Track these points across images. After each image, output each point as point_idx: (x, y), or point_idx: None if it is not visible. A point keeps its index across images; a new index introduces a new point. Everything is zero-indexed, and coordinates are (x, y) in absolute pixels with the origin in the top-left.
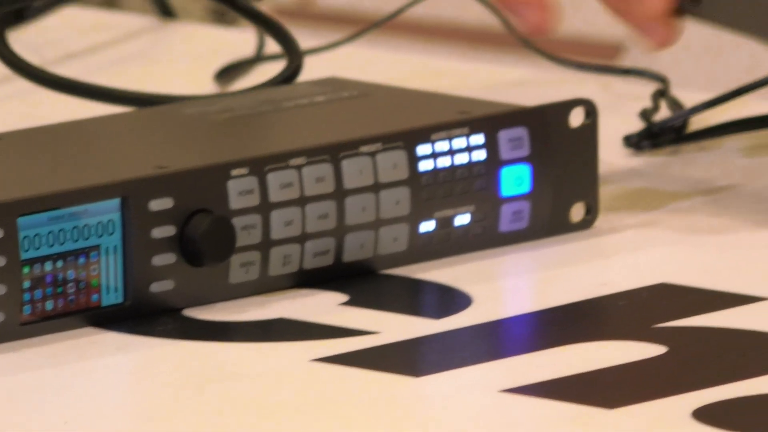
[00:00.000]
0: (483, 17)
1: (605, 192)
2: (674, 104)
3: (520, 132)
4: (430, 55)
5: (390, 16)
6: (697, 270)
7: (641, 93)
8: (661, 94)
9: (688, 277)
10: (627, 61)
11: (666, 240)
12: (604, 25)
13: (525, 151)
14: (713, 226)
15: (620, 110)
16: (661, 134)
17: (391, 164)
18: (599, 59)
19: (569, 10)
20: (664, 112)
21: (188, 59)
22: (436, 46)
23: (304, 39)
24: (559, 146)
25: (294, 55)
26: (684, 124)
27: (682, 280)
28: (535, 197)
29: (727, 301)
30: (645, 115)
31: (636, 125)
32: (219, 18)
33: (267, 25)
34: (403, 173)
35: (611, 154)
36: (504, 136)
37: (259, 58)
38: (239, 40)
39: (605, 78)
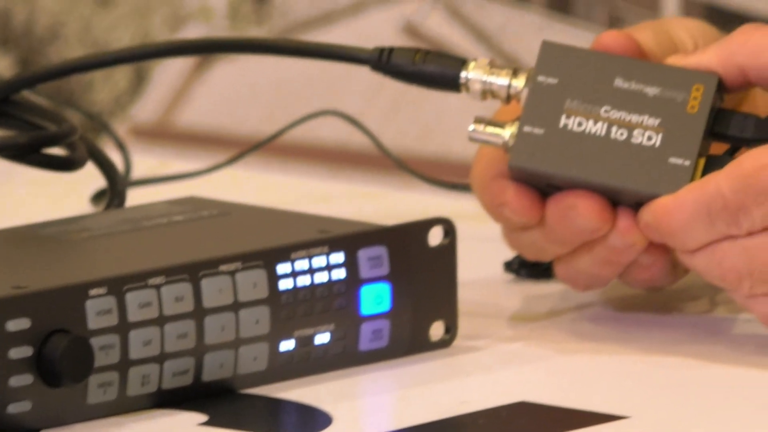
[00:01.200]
0: (354, 138)
1: (468, 311)
2: None
3: (380, 251)
4: (298, 176)
5: (268, 139)
6: (556, 388)
7: None
8: None
9: (547, 395)
10: None
11: (525, 358)
12: (463, 146)
13: (384, 270)
14: (572, 345)
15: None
16: (540, 262)
17: (251, 283)
18: (463, 178)
19: (432, 130)
20: None
21: (64, 181)
22: (306, 167)
23: (165, 159)
24: (419, 265)
25: (115, 186)
26: None
27: (541, 399)
28: (394, 316)
29: (585, 420)
30: None
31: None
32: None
33: (92, 155)
34: (262, 292)
35: (491, 277)
36: (363, 255)
37: (129, 182)
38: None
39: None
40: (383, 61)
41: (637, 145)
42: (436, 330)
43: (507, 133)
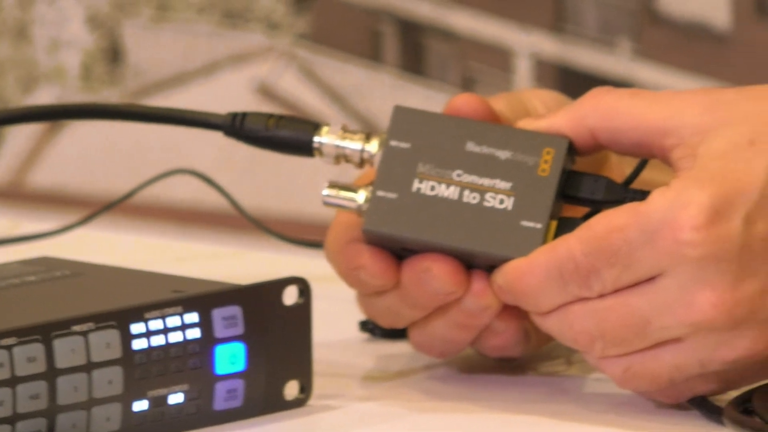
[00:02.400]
0: (209, 197)
1: (324, 371)
2: None
3: (234, 310)
4: (152, 236)
5: (120, 198)
6: None
7: None
8: None
9: None
10: None
11: (379, 417)
12: (320, 205)
13: (239, 330)
14: (426, 404)
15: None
16: None
17: (104, 343)
18: (319, 237)
19: (284, 190)
20: None
21: None
22: (161, 227)
23: (17, 220)
24: (273, 324)
25: None
26: None
27: None
28: (249, 375)
29: None
30: None
31: None
32: None
33: None
34: (116, 352)
35: (347, 337)
36: (218, 314)
37: None
38: None
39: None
40: (236, 127)
41: (489, 209)
42: (291, 389)
43: (361, 197)
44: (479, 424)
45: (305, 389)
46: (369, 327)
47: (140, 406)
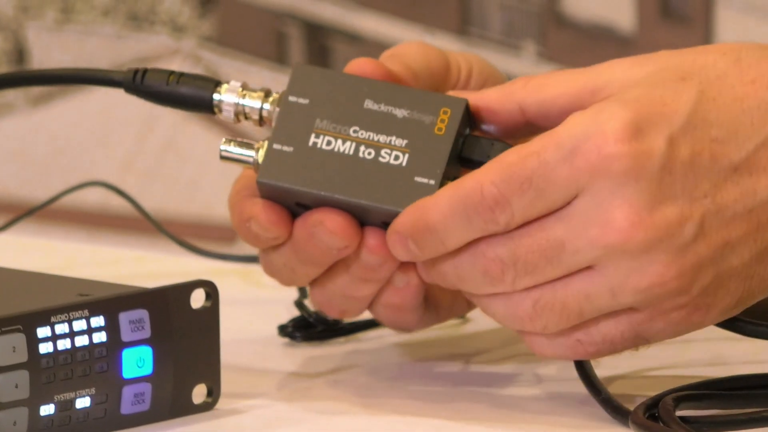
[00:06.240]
0: (114, 201)
1: (236, 373)
2: None
3: (141, 314)
4: (57, 240)
5: (36, 208)
6: None
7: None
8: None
9: None
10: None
11: (288, 420)
12: (221, 209)
13: (146, 333)
14: (335, 407)
15: (274, 297)
16: (315, 325)
17: (10, 347)
18: (218, 242)
19: (189, 193)
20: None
21: None
22: (66, 231)
23: None
24: (181, 328)
25: None
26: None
27: None
28: (156, 379)
29: None
30: (300, 304)
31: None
32: None
33: None
34: (22, 356)
35: (264, 339)
36: (125, 318)
37: None
38: None
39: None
40: (137, 83)
41: (384, 164)
42: (199, 393)
43: (257, 151)
44: (385, 427)
45: (213, 393)
46: (288, 331)
47: (47, 410)
